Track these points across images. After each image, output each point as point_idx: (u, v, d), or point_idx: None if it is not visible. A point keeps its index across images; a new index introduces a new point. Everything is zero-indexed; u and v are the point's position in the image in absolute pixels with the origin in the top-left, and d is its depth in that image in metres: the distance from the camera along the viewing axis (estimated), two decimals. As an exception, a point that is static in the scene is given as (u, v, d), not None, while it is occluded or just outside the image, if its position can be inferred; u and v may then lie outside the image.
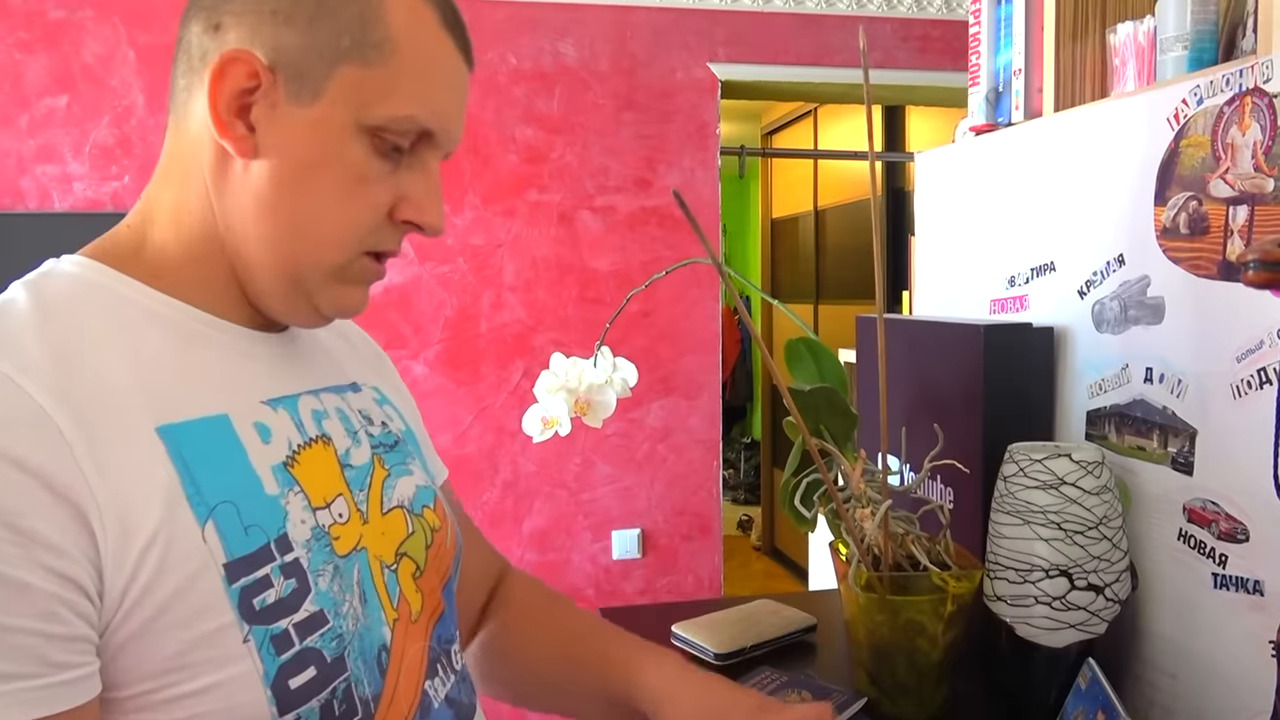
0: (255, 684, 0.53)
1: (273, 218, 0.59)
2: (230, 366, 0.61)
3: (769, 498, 5.31)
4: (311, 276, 0.60)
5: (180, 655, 0.51)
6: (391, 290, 2.79)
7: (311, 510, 0.60)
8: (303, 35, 0.57)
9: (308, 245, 0.59)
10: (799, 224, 4.87)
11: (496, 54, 2.81)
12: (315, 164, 0.58)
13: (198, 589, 0.52)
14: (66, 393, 0.51)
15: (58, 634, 0.47)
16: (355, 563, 0.62)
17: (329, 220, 0.59)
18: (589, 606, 2.93)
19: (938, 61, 3.04)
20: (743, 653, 1.14)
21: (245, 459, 0.57)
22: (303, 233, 0.59)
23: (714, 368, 3.00)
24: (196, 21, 0.58)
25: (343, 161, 0.58)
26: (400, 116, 0.59)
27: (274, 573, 0.56)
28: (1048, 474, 0.91)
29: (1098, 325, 1.00)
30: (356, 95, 0.57)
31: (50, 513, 0.48)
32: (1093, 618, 0.90)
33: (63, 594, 0.48)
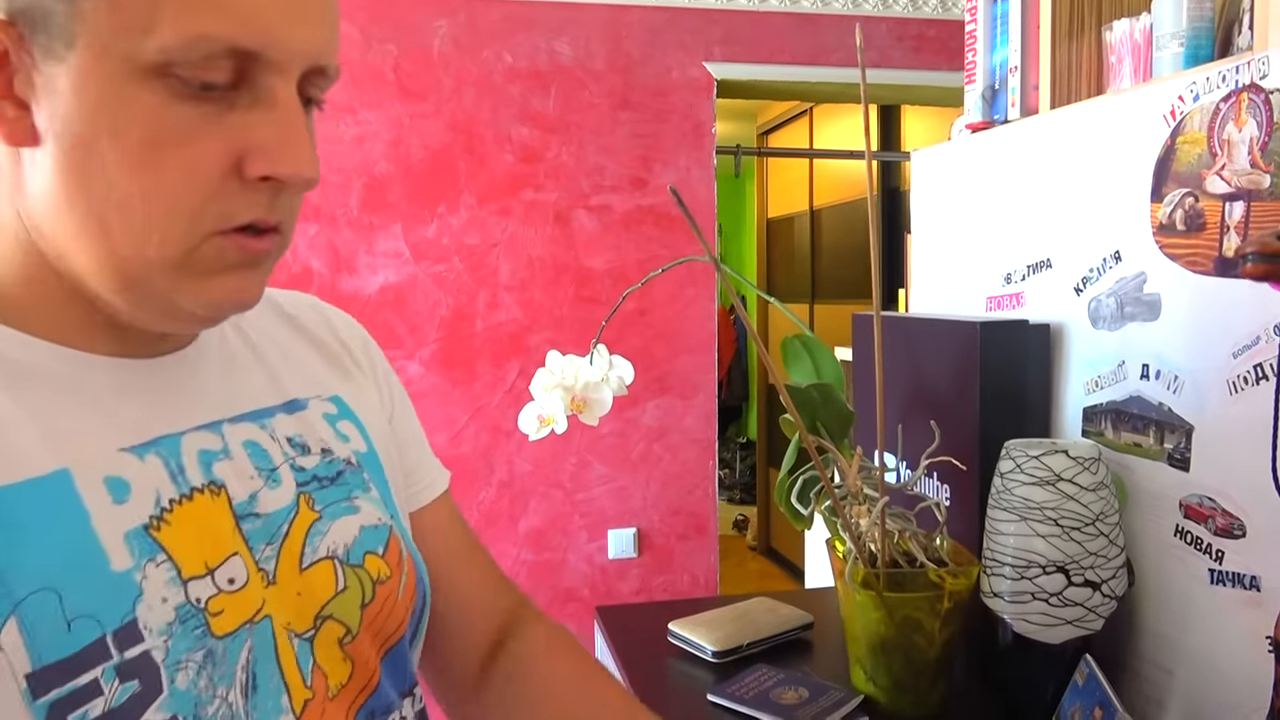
0: None
1: (71, 211, 0.45)
2: (79, 408, 0.48)
3: (764, 497, 5.32)
4: (149, 275, 0.47)
5: None
6: (387, 290, 2.79)
7: (181, 583, 0.48)
8: None
9: (122, 238, 0.45)
10: (794, 224, 4.87)
11: (492, 52, 2.81)
12: (97, 130, 0.44)
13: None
14: None
15: None
16: (245, 641, 0.50)
17: (136, 201, 0.45)
18: (585, 606, 2.93)
19: (933, 61, 3.05)
20: (739, 650, 1.14)
21: (87, 526, 0.45)
22: (109, 224, 0.45)
23: (710, 367, 3.00)
24: None
25: (131, 118, 0.44)
26: (186, 40, 0.43)
27: (105, 676, 0.44)
28: (1044, 470, 0.91)
29: (1094, 322, 1.00)
30: (114, 28, 0.43)
31: None
32: (1089, 614, 0.90)
33: None
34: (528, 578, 2.91)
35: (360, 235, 2.77)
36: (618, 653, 1.20)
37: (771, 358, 0.88)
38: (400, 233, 2.79)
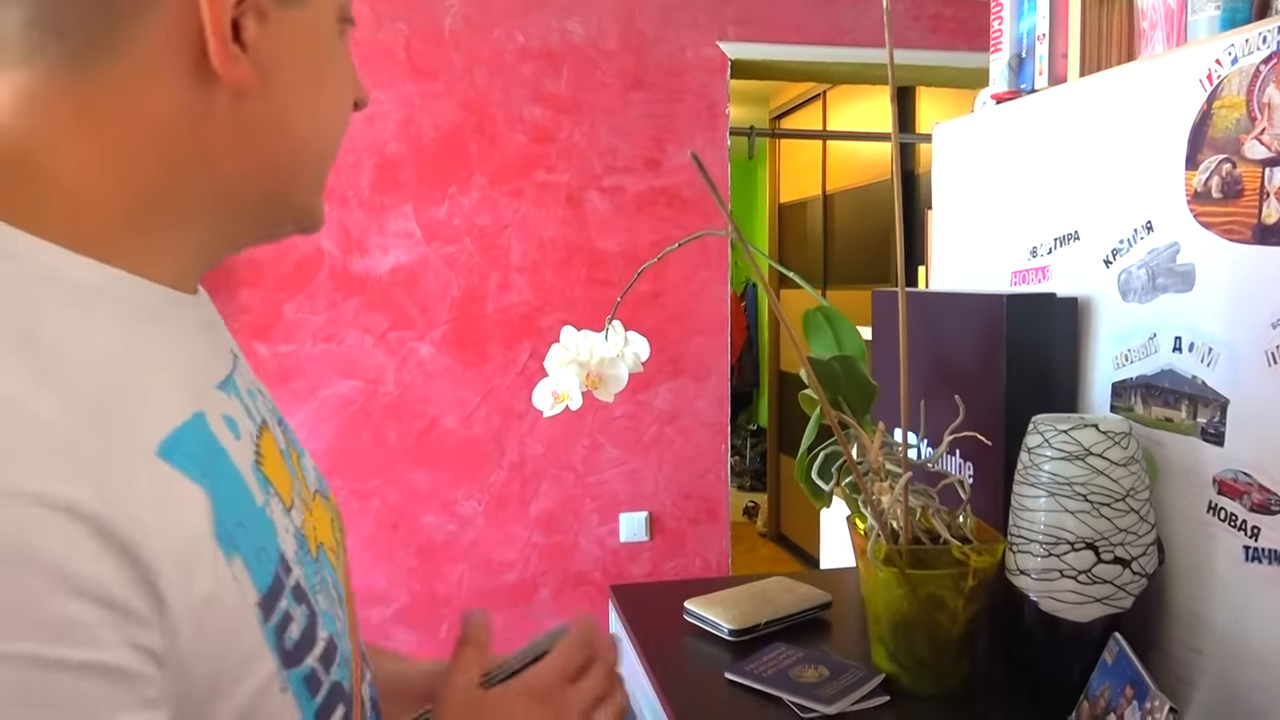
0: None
1: (292, 136, 0.50)
2: (183, 346, 0.49)
3: (775, 484, 5.30)
4: (313, 191, 0.54)
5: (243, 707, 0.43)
6: (398, 270, 2.77)
7: (287, 513, 0.50)
8: None
9: (316, 158, 0.53)
10: (807, 209, 4.83)
11: (504, 32, 2.78)
12: (322, 64, 0.51)
13: (237, 645, 0.43)
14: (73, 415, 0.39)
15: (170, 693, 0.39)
16: (325, 564, 0.53)
17: (337, 123, 0.54)
18: (597, 589, 2.92)
19: (950, 41, 3.01)
20: (756, 629, 1.12)
21: (231, 465, 0.46)
22: (312, 145, 0.52)
23: (722, 350, 2.97)
24: None
25: (336, 53, 0.52)
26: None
27: (289, 601, 0.47)
28: (1073, 445, 0.89)
29: (1124, 294, 0.98)
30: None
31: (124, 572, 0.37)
32: (1119, 591, 0.88)
33: (154, 672, 0.38)
34: (539, 561, 2.90)
35: (371, 216, 2.75)
36: (633, 631, 1.18)
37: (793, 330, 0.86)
38: (411, 213, 2.77)
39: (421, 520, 2.83)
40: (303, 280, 2.73)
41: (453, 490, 2.85)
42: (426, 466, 2.82)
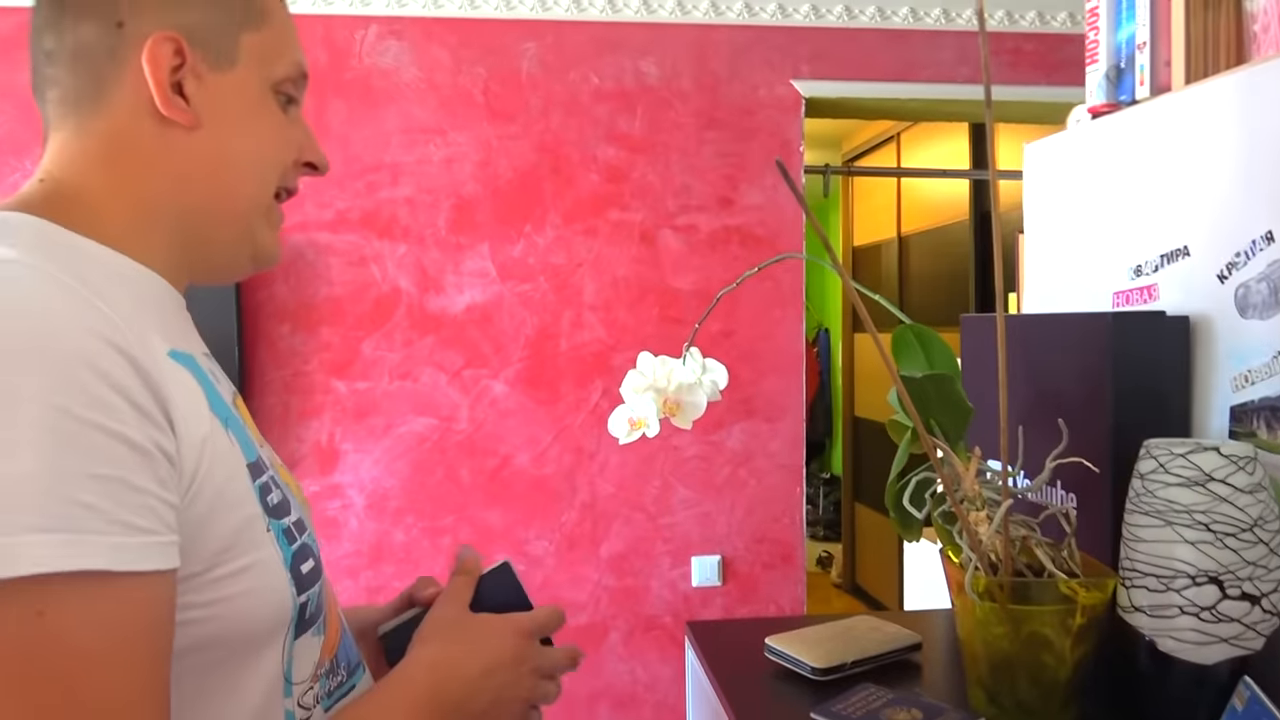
0: (279, 566, 0.63)
1: (225, 169, 0.67)
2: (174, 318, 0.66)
3: (850, 533, 5.16)
4: (255, 218, 0.69)
5: (228, 537, 0.59)
6: (473, 309, 2.79)
7: (261, 446, 0.67)
8: (205, 13, 0.65)
9: (251, 185, 0.68)
10: (881, 251, 4.76)
11: (579, 74, 2.81)
12: (246, 118, 0.67)
13: (234, 484, 0.60)
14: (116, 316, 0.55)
15: (167, 500, 0.54)
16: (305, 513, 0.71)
17: (264, 163, 0.68)
18: (668, 634, 2.86)
19: (1030, 76, 2.94)
20: (842, 668, 1.06)
21: (215, 391, 0.63)
22: (246, 175, 0.68)
23: (797, 390, 2.91)
24: (85, 25, 0.63)
25: (265, 113, 0.68)
26: (294, 64, 0.69)
27: (268, 478, 0.64)
28: (1193, 469, 0.82)
29: (1242, 311, 0.91)
30: (260, 55, 0.67)
31: (148, 394, 0.54)
32: (1247, 631, 0.80)
33: (166, 466, 0.54)
34: (609, 603, 2.85)
35: (448, 255, 2.78)
36: (711, 669, 1.13)
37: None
38: (487, 252, 2.79)
39: (492, 559, 2.79)
40: (380, 318, 2.76)
41: (524, 529, 2.82)
42: (498, 505, 2.81)
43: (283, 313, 2.73)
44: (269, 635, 0.62)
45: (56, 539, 0.48)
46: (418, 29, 2.76)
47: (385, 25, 2.75)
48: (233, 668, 0.60)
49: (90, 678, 0.49)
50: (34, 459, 0.48)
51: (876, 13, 2.87)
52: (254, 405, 2.72)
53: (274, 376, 2.73)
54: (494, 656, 0.71)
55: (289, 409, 2.74)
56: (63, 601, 0.48)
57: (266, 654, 0.62)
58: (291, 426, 2.74)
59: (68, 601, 0.48)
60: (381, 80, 2.75)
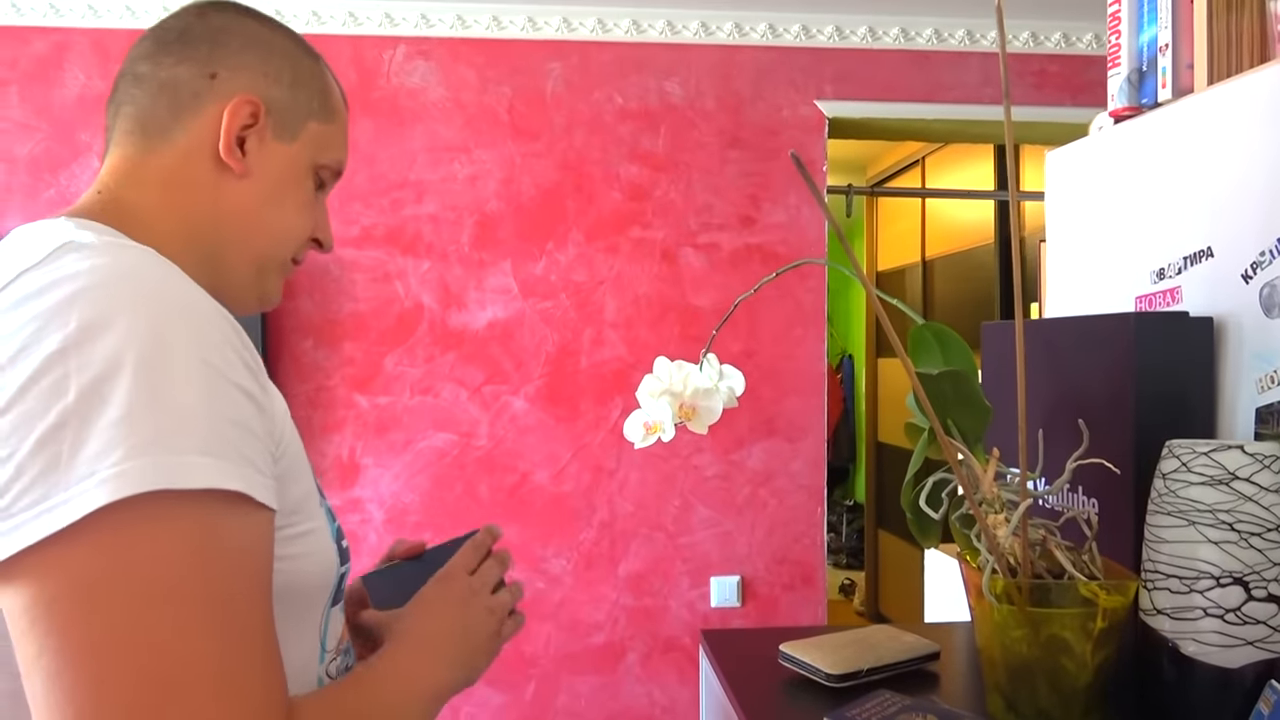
0: (328, 536, 0.71)
1: (257, 219, 0.76)
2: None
3: (873, 560, 5.10)
4: (269, 267, 0.78)
5: (297, 501, 0.67)
6: (495, 325, 2.80)
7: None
8: (286, 94, 0.76)
9: (273, 242, 0.77)
10: (906, 276, 4.74)
11: (603, 94, 2.84)
12: (287, 185, 0.77)
13: (300, 459, 0.69)
14: None
15: (270, 451, 0.62)
16: None
17: (289, 226, 0.78)
18: (686, 655, 2.82)
19: (1056, 97, 2.94)
20: (858, 675, 1.04)
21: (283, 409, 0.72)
22: (272, 232, 0.77)
23: (819, 410, 2.89)
24: (183, 66, 0.74)
25: (302, 187, 0.78)
26: (338, 160, 0.81)
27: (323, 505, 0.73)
28: (1216, 468, 0.80)
29: (1267, 310, 0.89)
30: (316, 141, 0.78)
31: (253, 360, 0.62)
32: (1274, 633, 0.78)
33: (270, 422, 0.62)
34: (627, 623, 2.82)
35: (470, 272, 2.80)
36: (725, 677, 1.11)
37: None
38: (510, 269, 2.81)
39: (509, 577, 2.79)
40: (403, 334, 2.78)
41: (542, 547, 2.81)
42: (517, 521, 2.80)
43: (306, 327, 2.75)
44: (317, 598, 0.70)
45: (216, 463, 0.56)
46: (445, 49, 2.79)
47: (413, 45, 2.79)
48: (285, 622, 0.65)
49: (244, 597, 0.57)
50: (193, 397, 0.56)
51: (900, 34, 2.88)
52: (277, 418, 2.73)
53: (297, 391, 2.75)
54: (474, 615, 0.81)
55: (311, 423, 2.76)
56: (222, 516, 0.56)
57: (311, 616, 0.70)
58: (313, 441, 2.75)
59: (226, 517, 0.56)
60: (408, 99, 2.79)
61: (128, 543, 0.53)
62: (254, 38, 0.76)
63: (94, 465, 0.53)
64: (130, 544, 0.53)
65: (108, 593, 0.52)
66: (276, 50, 0.77)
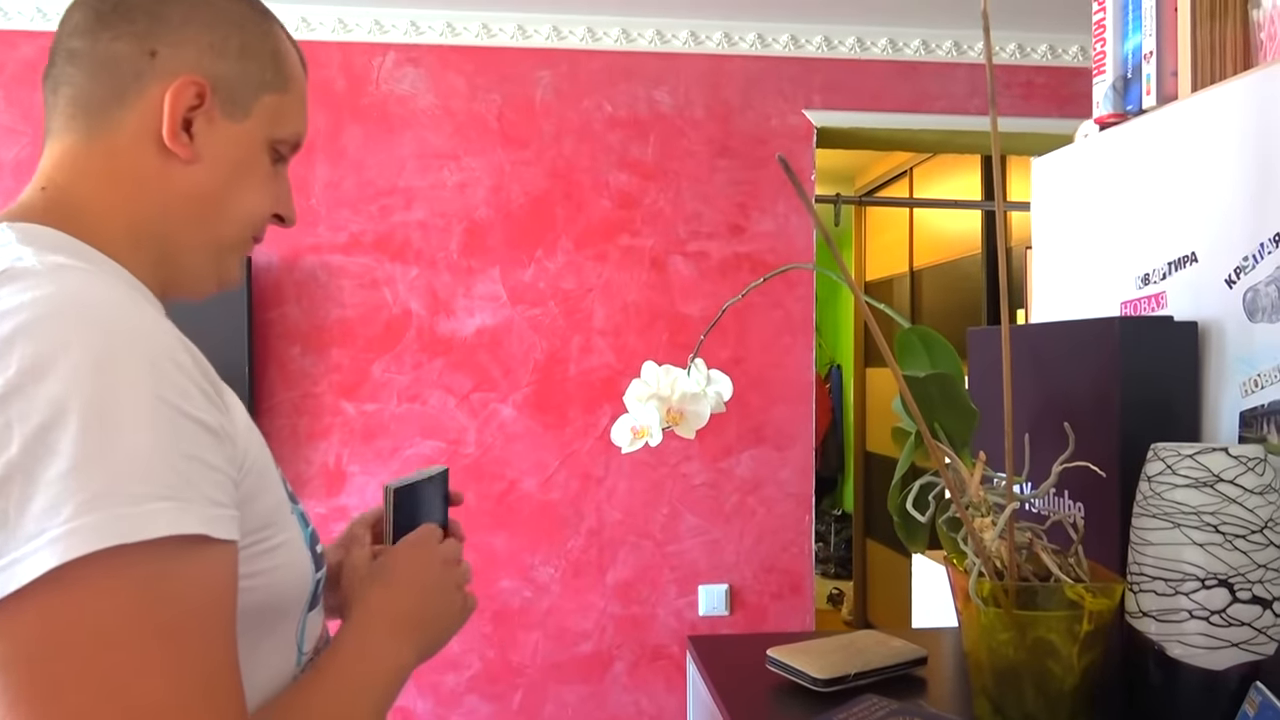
0: (302, 544, 0.70)
1: (211, 205, 0.71)
2: None
3: (861, 570, 5.10)
4: (227, 251, 0.74)
5: (267, 515, 0.65)
6: (483, 332, 2.80)
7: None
8: (234, 67, 0.70)
9: (231, 226, 0.73)
10: (894, 286, 4.76)
11: (592, 102, 2.84)
12: (242, 166, 0.72)
13: (269, 468, 0.68)
14: None
15: (231, 478, 0.60)
16: None
17: (247, 209, 0.73)
18: (674, 664, 2.81)
19: (1043, 108, 2.96)
20: (845, 680, 1.04)
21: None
22: (229, 216, 0.72)
23: (807, 418, 2.90)
24: (120, 42, 0.68)
25: (259, 166, 0.73)
26: (296, 132, 0.76)
27: (282, 473, 0.72)
28: (1201, 470, 0.81)
29: (1251, 315, 0.90)
30: (271, 116, 0.73)
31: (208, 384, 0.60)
32: (1259, 635, 0.78)
33: (230, 447, 0.60)
34: (615, 632, 2.81)
35: (459, 278, 2.80)
36: (712, 683, 1.11)
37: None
38: (498, 276, 2.81)
39: (498, 585, 2.78)
40: (391, 341, 2.77)
41: (529, 555, 2.80)
42: (504, 529, 2.79)
43: (294, 334, 2.74)
44: (292, 607, 0.69)
45: (173, 506, 0.54)
46: (434, 56, 2.80)
47: (403, 52, 2.79)
48: (260, 635, 0.66)
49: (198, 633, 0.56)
50: (145, 438, 0.54)
51: (889, 44, 2.90)
52: (263, 426, 2.72)
53: (283, 398, 2.74)
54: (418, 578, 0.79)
55: (297, 430, 2.74)
56: (177, 560, 0.54)
57: (287, 624, 0.69)
58: (300, 448, 2.74)
59: (182, 563, 0.55)
60: (398, 106, 2.79)
61: (80, 599, 0.52)
62: (196, 4, 0.70)
63: (43, 523, 0.51)
64: (83, 599, 0.52)
65: (61, 647, 0.51)
66: (222, 17, 0.71)
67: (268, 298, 2.72)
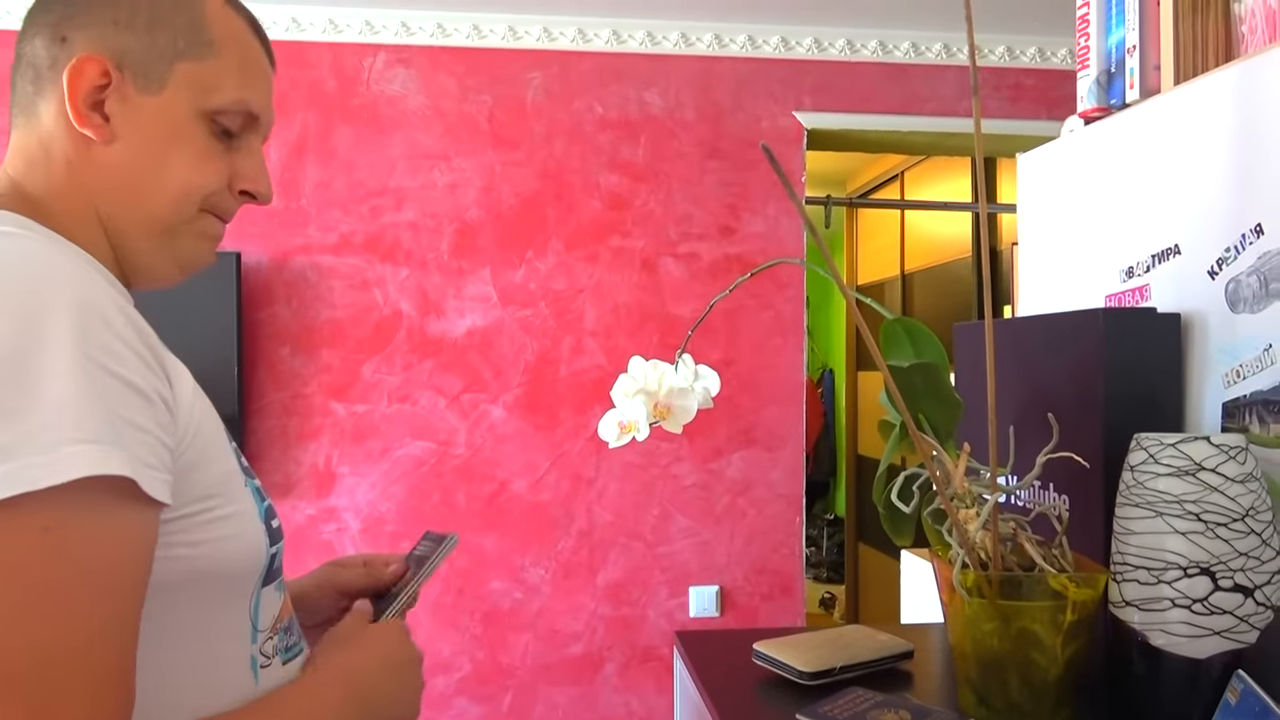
0: (255, 517, 0.69)
1: (138, 184, 0.70)
2: None
3: (853, 574, 5.10)
4: (175, 231, 0.72)
5: (214, 485, 0.65)
6: (474, 333, 2.80)
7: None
8: (142, 39, 0.69)
9: (166, 203, 0.70)
10: (885, 290, 4.77)
11: (583, 103, 2.84)
12: (166, 140, 0.70)
13: (218, 438, 0.67)
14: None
15: (164, 442, 0.59)
16: None
17: (180, 183, 0.70)
18: (664, 665, 2.81)
19: (1031, 110, 2.97)
20: (832, 673, 1.04)
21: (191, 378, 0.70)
22: (161, 191, 0.70)
23: (797, 419, 2.90)
24: (39, 37, 0.69)
25: (189, 138, 0.70)
26: (234, 100, 0.72)
27: (237, 447, 0.71)
28: (1183, 459, 0.81)
29: (1232, 305, 0.90)
30: (194, 85, 0.70)
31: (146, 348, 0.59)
32: (1240, 624, 0.78)
33: (165, 412, 0.60)
34: (605, 633, 2.81)
35: (449, 279, 2.80)
36: (699, 676, 1.11)
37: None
38: (489, 277, 2.81)
39: (488, 586, 2.78)
40: (381, 341, 2.77)
41: (520, 556, 2.80)
42: (494, 530, 2.79)
43: (283, 334, 2.73)
44: (244, 580, 0.68)
45: (95, 449, 0.54)
46: (425, 57, 2.80)
47: (393, 53, 2.79)
48: (210, 608, 0.66)
49: (88, 594, 0.54)
50: (70, 390, 0.54)
51: (879, 46, 2.91)
52: (252, 427, 2.71)
53: (273, 398, 2.73)
54: (394, 656, 0.77)
55: (287, 431, 2.73)
56: (85, 516, 0.54)
57: (238, 598, 0.69)
58: (289, 449, 2.73)
59: (89, 517, 0.54)
60: (388, 107, 2.79)
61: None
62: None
63: None
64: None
65: None
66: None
67: (257, 298, 2.71)
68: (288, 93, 2.72)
